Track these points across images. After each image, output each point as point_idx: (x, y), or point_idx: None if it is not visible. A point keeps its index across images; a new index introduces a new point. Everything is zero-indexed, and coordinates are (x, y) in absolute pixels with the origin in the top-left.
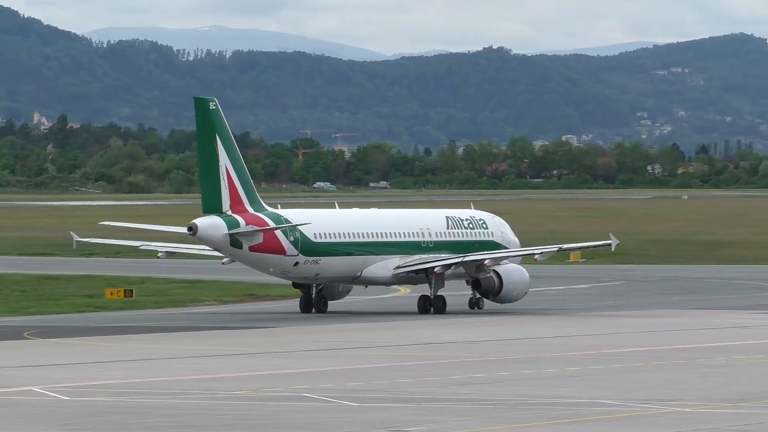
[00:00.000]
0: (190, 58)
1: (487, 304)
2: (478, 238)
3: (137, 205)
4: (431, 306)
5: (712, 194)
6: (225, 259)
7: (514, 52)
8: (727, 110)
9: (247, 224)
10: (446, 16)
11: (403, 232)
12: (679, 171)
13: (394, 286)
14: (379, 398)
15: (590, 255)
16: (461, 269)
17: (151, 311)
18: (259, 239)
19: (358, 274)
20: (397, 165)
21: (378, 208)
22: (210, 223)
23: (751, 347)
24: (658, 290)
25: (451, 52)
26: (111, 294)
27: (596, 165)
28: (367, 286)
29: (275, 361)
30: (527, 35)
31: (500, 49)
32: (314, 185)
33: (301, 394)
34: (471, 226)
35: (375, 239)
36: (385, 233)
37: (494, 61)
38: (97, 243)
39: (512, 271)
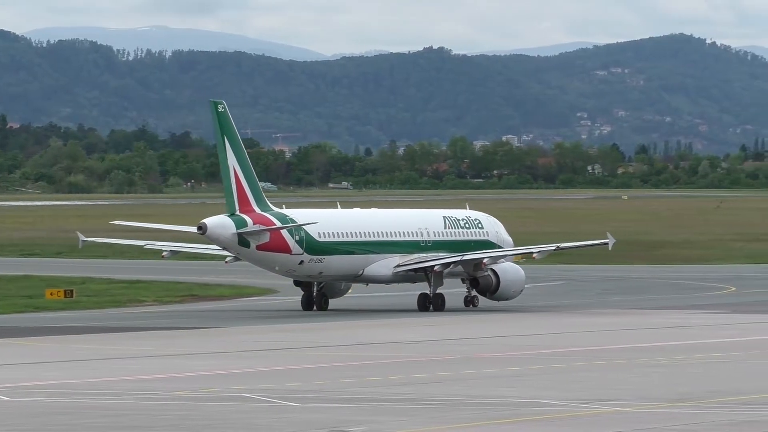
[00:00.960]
0: (130, 58)
1: (483, 301)
2: (474, 238)
3: (77, 205)
4: (431, 304)
5: (652, 194)
6: (228, 258)
7: (454, 52)
8: (667, 110)
9: (254, 224)
10: (387, 17)
11: (403, 232)
12: (619, 171)
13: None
14: (320, 398)
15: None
16: (460, 268)
17: (92, 311)
18: (266, 238)
19: (360, 272)
20: (338, 165)
21: (365, 208)
22: (219, 223)
23: (691, 347)
24: (599, 290)
25: (391, 52)
26: (51, 294)
27: (536, 165)
28: (367, 284)
29: (215, 362)
30: (468, 35)
31: (441, 49)
32: None
33: (241, 395)
34: (467, 225)
35: (376, 239)
36: (386, 233)
37: (435, 62)
38: (102, 242)
39: (508, 270)
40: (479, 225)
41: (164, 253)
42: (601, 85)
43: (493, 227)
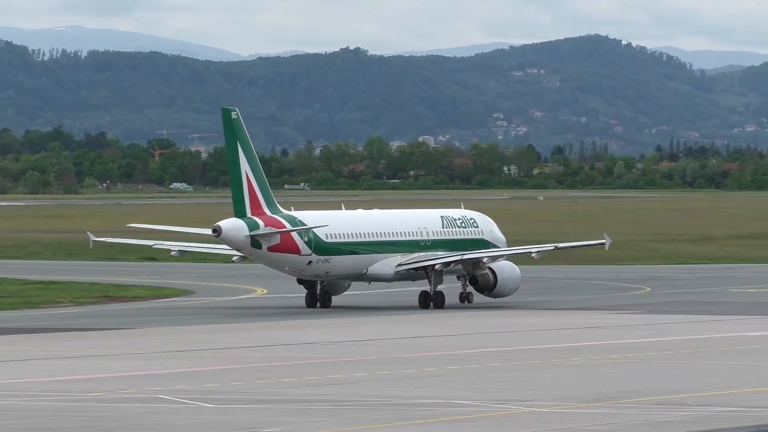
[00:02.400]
0: (46, 58)
1: (479, 298)
2: (470, 237)
3: None
4: (431, 301)
5: (568, 195)
6: (235, 258)
7: (371, 53)
8: (583, 111)
9: (265, 226)
10: (303, 17)
11: (403, 232)
12: (535, 172)
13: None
14: (236, 399)
15: None
16: (459, 266)
17: (6, 313)
18: (277, 240)
19: (364, 271)
20: None
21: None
22: (233, 225)
23: (606, 347)
24: (521, 290)
25: (308, 53)
26: None
27: (453, 166)
28: (370, 283)
29: (131, 363)
30: (384, 36)
31: (357, 49)
32: (171, 186)
33: (156, 396)
34: (463, 225)
35: (379, 239)
36: (388, 233)
37: (351, 62)
38: (112, 242)
39: (505, 268)
40: (474, 224)
41: (173, 253)
42: (517, 86)
43: (487, 226)
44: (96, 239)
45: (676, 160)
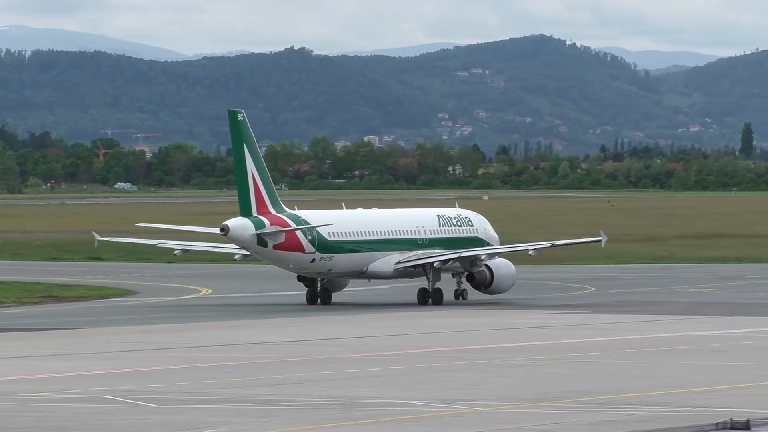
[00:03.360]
0: None
1: (475, 295)
2: (465, 235)
3: None
4: (430, 297)
5: (513, 195)
6: (237, 256)
7: (315, 52)
8: (527, 111)
9: (271, 225)
10: (248, 17)
11: (402, 230)
12: (480, 171)
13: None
14: (181, 400)
15: None
16: (457, 264)
17: None
18: (282, 238)
19: (365, 269)
20: (199, 165)
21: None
22: (240, 225)
23: (551, 347)
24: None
25: (252, 53)
26: None
27: (398, 165)
28: (370, 280)
29: (76, 363)
30: (329, 36)
31: (302, 49)
32: (115, 186)
33: (101, 396)
34: (459, 223)
35: (379, 237)
36: (387, 231)
37: (296, 62)
38: (117, 242)
39: (501, 265)
40: (469, 223)
41: (176, 251)
42: (462, 86)
43: (481, 225)
44: (101, 239)
45: (621, 161)
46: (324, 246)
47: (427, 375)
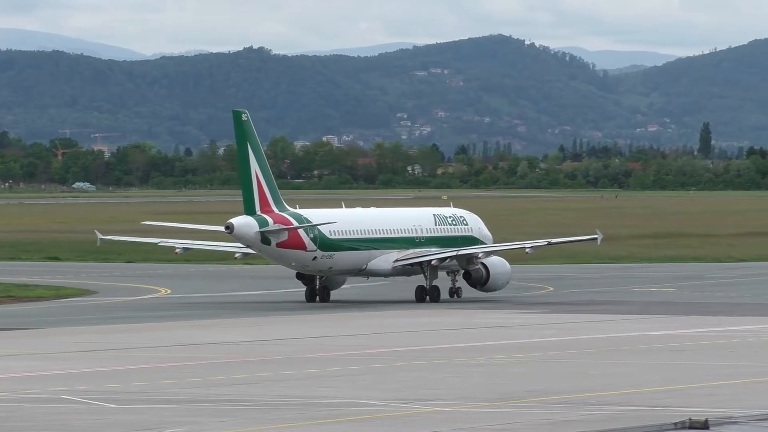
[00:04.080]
0: None
1: (469, 293)
2: (460, 234)
3: None
4: (427, 295)
5: (471, 194)
6: (237, 254)
7: (274, 52)
8: (486, 111)
9: (274, 223)
10: (207, 16)
11: (400, 229)
12: (439, 171)
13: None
14: (139, 400)
15: None
16: (454, 262)
17: None
18: (285, 236)
19: (364, 266)
20: (158, 165)
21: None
22: (245, 223)
23: (510, 346)
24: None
25: (211, 52)
26: None
27: (357, 165)
28: (368, 278)
29: (34, 363)
30: (288, 36)
31: (261, 49)
32: (74, 185)
33: (59, 396)
34: (454, 222)
35: (378, 236)
36: (386, 230)
37: (255, 62)
38: (119, 240)
39: (497, 263)
40: (464, 222)
41: (177, 250)
42: (421, 86)
43: (476, 223)
44: (103, 237)
45: (579, 160)
46: (325, 244)
47: (386, 374)
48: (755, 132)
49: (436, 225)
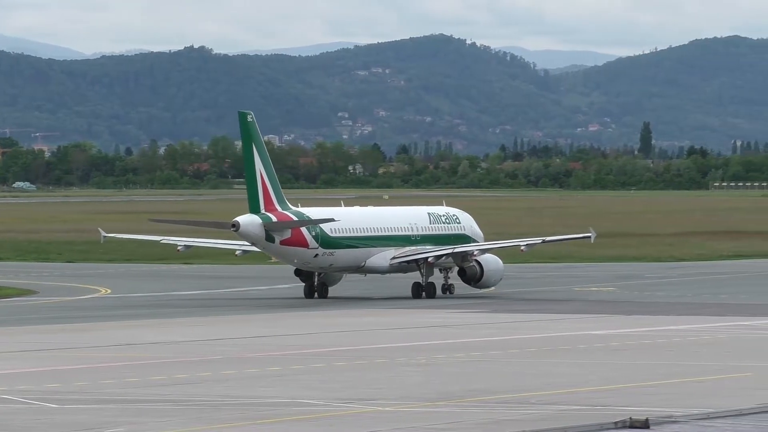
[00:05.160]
0: None
1: (461, 290)
2: (453, 232)
3: None
4: (423, 291)
5: (413, 194)
6: (238, 252)
7: (215, 51)
8: (427, 111)
9: (277, 221)
10: (147, 15)
11: (396, 227)
12: (380, 171)
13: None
14: (80, 400)
15: None
16: (449, 259)
17: None
18: (288, 234)
19: (362, 264)
20: (98, 165)
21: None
22: (250, 221)
23: (451, 346)
24: (361, 290)
25: (152, 51)
26: None
27: (298, 165)
28: (366, 275)
29: None
30: (228, 35)
31: (201, 48)
32: (14, 185)
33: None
34: (447, 221)
35: (375, 233)
36: (383, 228)
37: (195, 61)
38: (122, 238)
39: (490, 261)
40: (457, 220)
41: (179, 248)
42: (362, 85)
43: (468, 222)
44: (107, 235)
45: (520, 160)
46: (326, 242)
47: (327, 374)
48: (695, 132)
49: (430, 223)
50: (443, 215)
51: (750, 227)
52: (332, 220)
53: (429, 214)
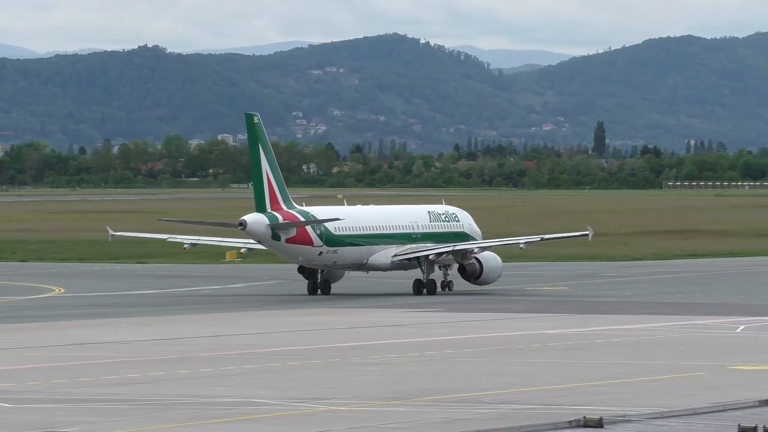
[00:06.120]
0: None
1: (462, 285)
2: (452, 230)
3: None
4: (424, 288)
5: (367, 193)
6: (243, 249)
7: (169, 50)
8: (381, 110)
9: (284, 220)
10: (101, 14)
11: (398, 225)
12: (335, 170)
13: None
14: (33, 399)
15: (247, 254)
16: (450, 256)
17: None
18: (294, 233)
19: (365, 261)
20: (52, 164)
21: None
22: (257, 220)
23: (406, 345)
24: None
25: (106, 51)
26: None
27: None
28: (368, 272)
29: None
30: (182, 34)
31: (155, 47)
32: None
33: None
34: (447, 219)
35: (378, 232)
36: (385, 226)
37: (149, 60)
38: (130, 236)
39: (489, 258)
40: (456, 218)
41: (185, 246)
42: (317, 84)
43: (466, 220)
44: (114, 234)
45: (475, 159)
46: (330, 240)
47: (281, 374)
48: (649, 131)
49: (430, 222)
50: (443, 213)
51: (703, 226)
52: (338, 219)
53: (429, 212)
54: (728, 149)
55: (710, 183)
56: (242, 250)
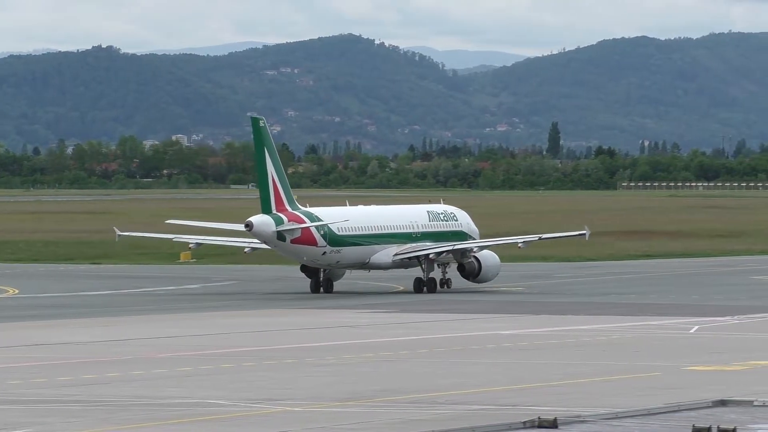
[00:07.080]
0: None
1: (462, 284)
2: (451, 229)
3: None
4: (425, 286)
5: (321, 194)
6: (247, 249)
7: (123, 51)
8: (336, 110)
9: (289, 221)
10: (55, 14)
11: (398, 225)
12: (289, 171)
13: None
14: None
15: (201, 255)
16: (449, 255)
17: None
18: (298, 233)
19: (367, 260)
20: (5, 164)
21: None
22: (263, 221)
23: (360, 346)
24: (269, 290)
25: (59, 51)
26: None
27: (207, 164)
28: (369, 271)
29: None
30: (136, 34)
31: (109, 48)
32: None
33: None
34: (446, 218)
35: (379, 231)
36: (386, 226)
37: (103, 60)
38: (136, 236)
39: (488, 257)
40: (454, 218)
41: (191, 245)
42: (271, 85)
43: (465, 219)
44: (121, 234)
45: (429, 160)
46: (334, 240)
47: (236, 375)
48: (603, 131)
49: (430, 221)
50: (441, 213)
51: (658, 227)
52: (346, 220)
53: (428, 212)
54: (682, 150)
55: (664, 184)
56: (246, 250)
